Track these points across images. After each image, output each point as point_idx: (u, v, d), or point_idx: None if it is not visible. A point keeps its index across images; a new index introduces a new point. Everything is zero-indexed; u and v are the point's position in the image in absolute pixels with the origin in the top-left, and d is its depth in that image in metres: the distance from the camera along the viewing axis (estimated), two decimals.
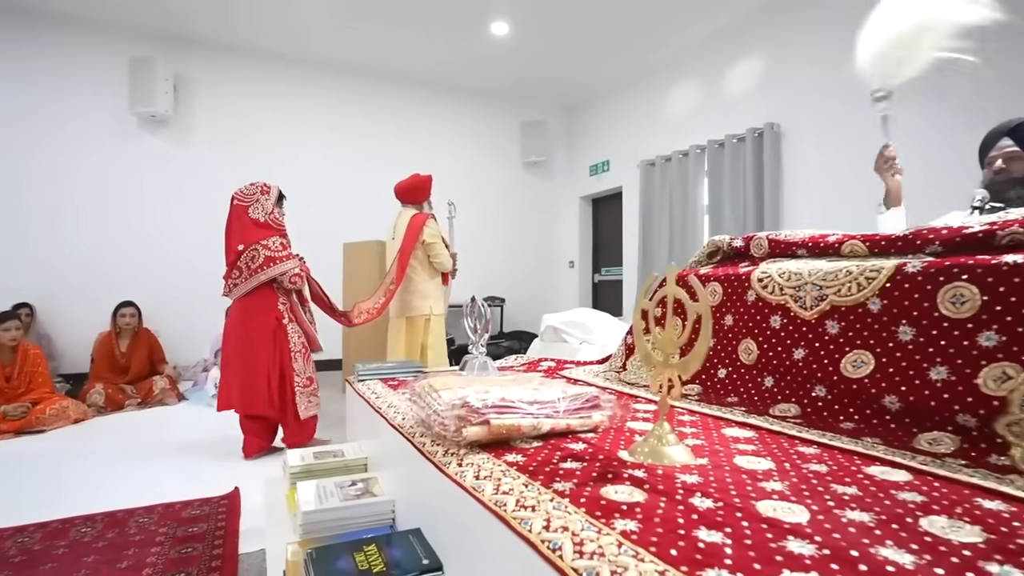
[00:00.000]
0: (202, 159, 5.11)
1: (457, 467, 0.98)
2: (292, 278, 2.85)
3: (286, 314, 2.88)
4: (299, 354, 2.90)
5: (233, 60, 5.21)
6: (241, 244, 2.82)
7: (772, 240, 1.60)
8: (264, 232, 2.84)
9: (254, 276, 2.79)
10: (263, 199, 2.92)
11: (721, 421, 1.26)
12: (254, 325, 2.82)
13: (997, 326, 1.00)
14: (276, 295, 2.86)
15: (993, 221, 1.16)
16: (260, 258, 2.79)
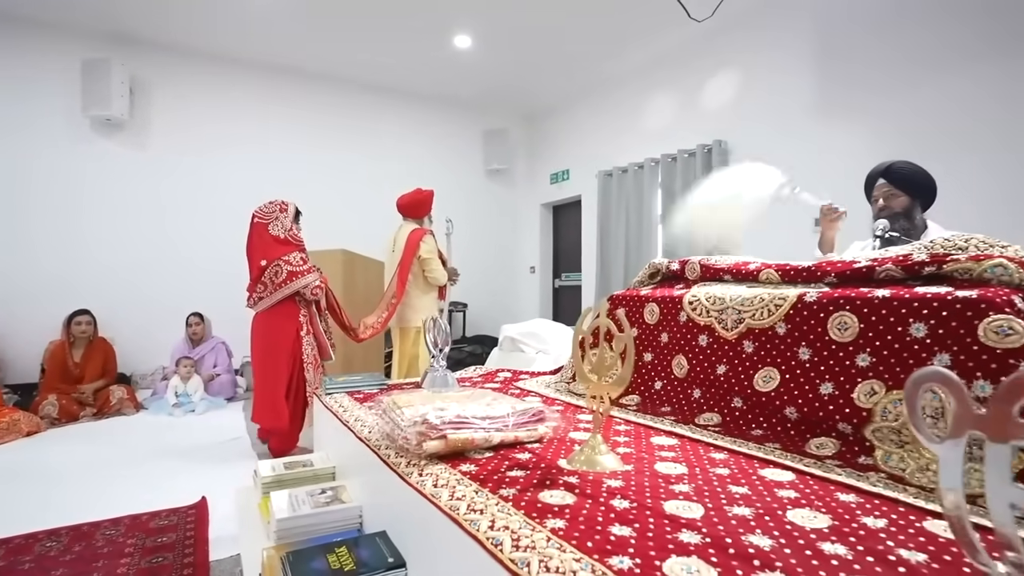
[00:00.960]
0: (159, 163, 5.06)
1: (418, 476, 1.12)
2: (313, 290, 3.03)
3: (305, 325, 3.06)
4: (310, 365, 3.06)
5: (192, 64, 5.18)
6: (264, 260, 2.99)
7: (703, 265, 1.80)
8: (285, 248, 3.02)
9: (279, 290, 2.96)
10: (282, 216, 3.09)
11: (652, 430, 1.44)
12: (276, 336, 2.99)
13: (870, 349, 1.20)
14: (298, 307, 3.04)
15: (874, 258, 1.37)
16: (283, 273, 2.96)
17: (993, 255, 1.19)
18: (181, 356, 4.23)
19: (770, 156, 4.21)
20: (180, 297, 4.99)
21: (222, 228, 5.34)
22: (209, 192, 5.27)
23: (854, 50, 3.71)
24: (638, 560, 0.73)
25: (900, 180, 2.03)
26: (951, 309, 1.09)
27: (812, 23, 3.95)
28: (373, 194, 6.06)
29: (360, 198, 5.96)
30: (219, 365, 4.52)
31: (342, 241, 4.73)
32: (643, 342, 1.81)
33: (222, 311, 5.14)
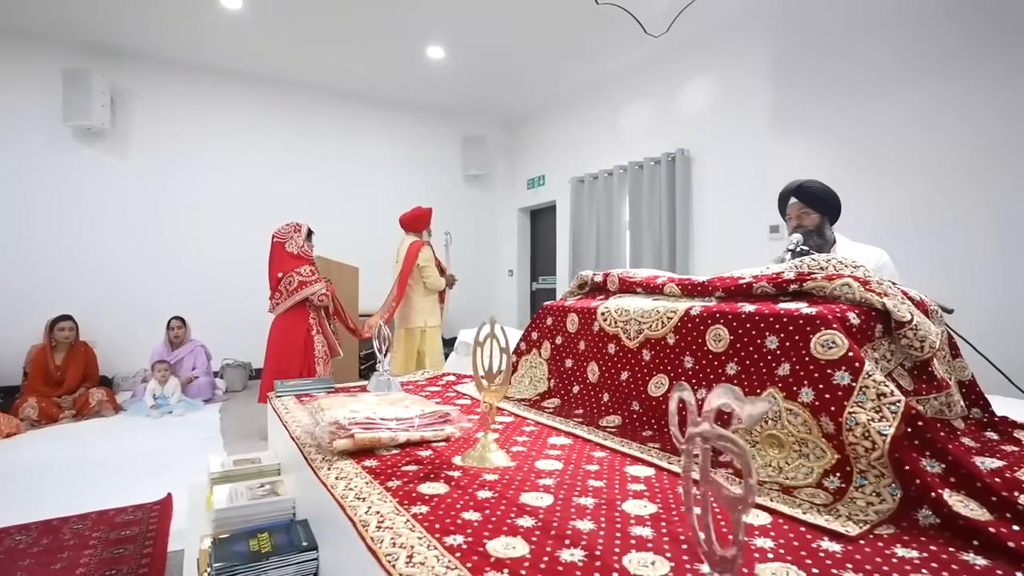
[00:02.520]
0: (140, 171, 5.19)
1: (327, 471, 1.26)
2: (320, 297, 3.55)
3: (315, 326, 3.57)
4: (321, 360, 3.56)
5: (172, 73, 5.30)
6: (280, 272, 3.53)
7: (621, 278, 1.94)
8: (297, 262, 3.56)
9: (291, 296, 3.49)
10: (295, 236, 3.63)
11: (555, 431, 1.57)
12: (290, 336, 3.50)
13: (737, 359, 1.35)
14: (308, 311, 3.56)
15: (756, 275, 1.52)
16: (295, 283, 3.50)
17: (843, 274, 1.33)
18: (156, 360, 4.35)
19: (729, 166, 4.39)
20: (162, 301, 5.12)
21: (203, 234, 5.48)
22: (190, 199, 5.41)
23: (808, 65, 3.87)
24: (470, 539, 0.87)
25: (811, 199, 2.17)
26: (796, 324, 1.23)
27: (768, 39, 4.11)
28: (352, 200, 6.21)
29: (339, 205, 6.10)
30: (197, 367, 4.65)
31: (322, 247, 4.87)
32: (566, 349, 1.95)
33: (202, 315, 5.28)
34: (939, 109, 3.22)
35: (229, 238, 5.57)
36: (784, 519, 0.95)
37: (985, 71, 3.03)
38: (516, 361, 2.21)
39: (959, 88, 3.13)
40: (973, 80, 3.08)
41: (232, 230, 5.59)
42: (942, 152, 3.19)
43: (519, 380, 2.15)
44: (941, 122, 3.20)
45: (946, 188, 3.19)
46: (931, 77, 3.25)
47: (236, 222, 5.62)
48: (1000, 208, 2.98)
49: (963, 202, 3.12)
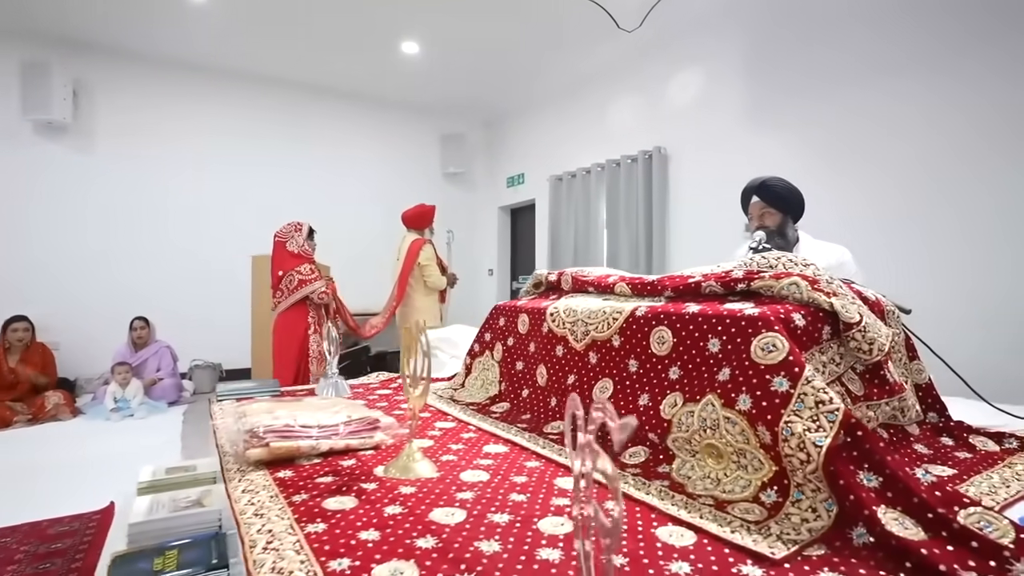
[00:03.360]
0: (105, 167, 5.02)
1: (237, 482, 1.17)
2: (320, 295, 3.56)
3: (312, 325, 3.58)
4: (315, 359, 3.56)
5: (139, 67, 5.15)
6: (281, 271, 3.56)
7: (574, 277, 1.86)
8: (297, 261, 3.58)
9: (292, 295, 3.53)
10: (296, 235, 3.66)
11: (495, 439, 1.49)
12: (289, 333, 3.55)
13: (680, 362, 1.27)
14: (307, 310, 3.58)
15: (706, 274, 1.44)
16: (295, 281, 3.53)
17: (792, 273, 1.26)
18: (117, 362, 4.21)
19: (706, 162, 4.34)
20: (129, 301, 4.97)
21: (170, 232, 5.34)
22: (156, 196, 5.26)
23: (784, 60, 3.82)
24: (357, 564, 0.78)
25: (773, 198, 2.10)
26: (738, 326, 1.16)
27: (742, 34, 4.06)
28: (327, 198, 6.09)
29: (314, 202, 5.97)
30: (162, 369, 4.51)
31: None
32: (517, 351, 1.87)
33: (171, 315, 5.14)
34: (917, 102, 3.16)
35: (199, 236, 5.43)
36: (710, 539, 0.87)
37: (962, 64, 2.98)
38: (470, 363, 2.13)
39: (937, 82, 3.09)
40: (951, 73, 3.03)
41: (203, 228, 5.46)
42: (921, 146, 3.13)
43: (472, 383, 2.06)
44: (919, 116, 3.15)
45: (924, 183, 3.13)
46: (907, 71, 3.20)
47: (207, 220, 5.48)
48: (979, 203, 2.93)
49: (940, 197, 3.06)
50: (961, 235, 2.99)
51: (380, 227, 6.03)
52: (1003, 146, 2.86)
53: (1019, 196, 2.79)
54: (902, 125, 3.21)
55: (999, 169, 2.86)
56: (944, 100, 3.05)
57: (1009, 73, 2.83)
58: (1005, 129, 2.85)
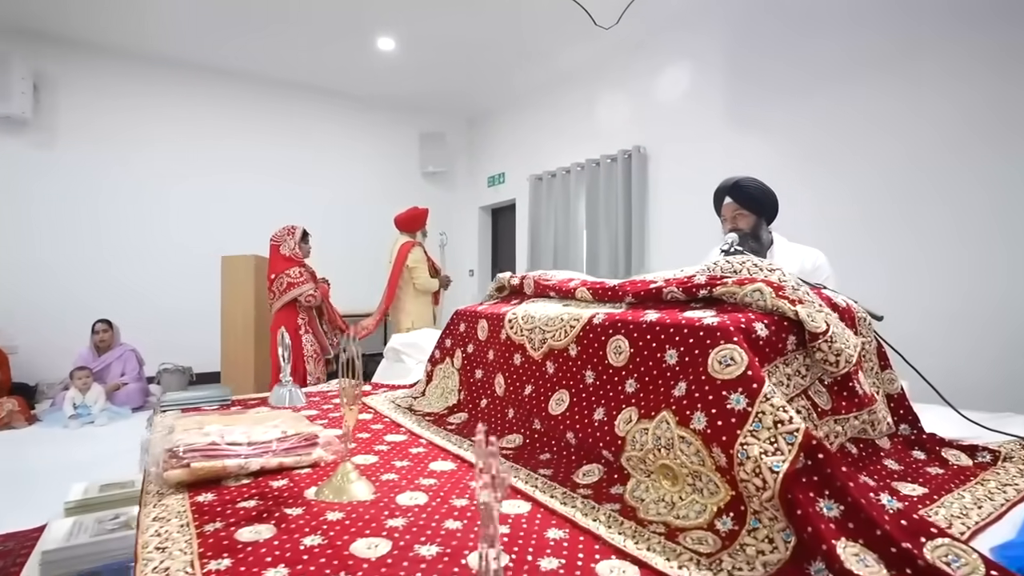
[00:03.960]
0: (67, 163, 4.85)
1: (151, 508, 1.07)
2: (307, 297, 3.68)
3: (303, 326, 3.70)
4: (311, 358, 3.69)
5: (105, 61, 4.98)
6: (273, 274, 3.70)
7: (536, 281, 1.78)
8: (288, 264, 3.71)
9: (281, 297, 3.65)
10: (289, 239, 3.76)
11: (444, 454, 1.39)
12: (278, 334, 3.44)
13: (636, 375, 1.19)
14: (297, 311, 3.70)
15: (668, 279, 1.36)
16: (284, 283, 3.66)
17: (756, 279, 1.18)
18: (76, 367, 4.06)
19: (686, 162, 4.28)
20: (94, 303, 4.81)
21: (138, 231, 5.18)
22: (123, 194, 5.10)
23: (763, 60, 3.77)
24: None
25: (747, 199, 2.03)
26: (696, 337, 1.08)
27: (721, 32, 4.00)
28: (304, 196, 5.96)
29: (291, 201, 5.84)
30: (127, 374, 4.36)
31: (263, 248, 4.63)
32: (476, 359, 1.78)
33: (139, 317, 4.99)
34: (900, 98, 3.12)
35: (169, 236, 5.28)
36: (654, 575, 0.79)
37: (945, 58, 2.93)
38: (431, 370, 2.04)
39: (920, 77, 3.04)
40: (933, 68, 2.98)
41: (172, 228, 5.30)
42: (905, 142, 3.07)
43: (432, 391, 1.97)
44: (903, 111, 3.10)
45: (910, 180, 3.08)
46: (890, 66, 3.15)
47: (177, 219, 5.33)
48: (959, 204, 2.88)
49: (926, 194, 3.01)
50: (948, 234, 2.92)
51: (356, 227, 5.92)
52: (992, 140, 2.79)
53: (1010, 191, 2.72)
54: (886, 121, 3.16)
55: (989, 164, 2.79)
56: (928, 95, 2.99)
57: (997, 65, 2.78)
58: (995, 123, 2.78)
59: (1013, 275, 2.69)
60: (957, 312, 2.84)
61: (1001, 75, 2.74)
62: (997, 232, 2.75)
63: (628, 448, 1.11)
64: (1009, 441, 1.35)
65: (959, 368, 2.83)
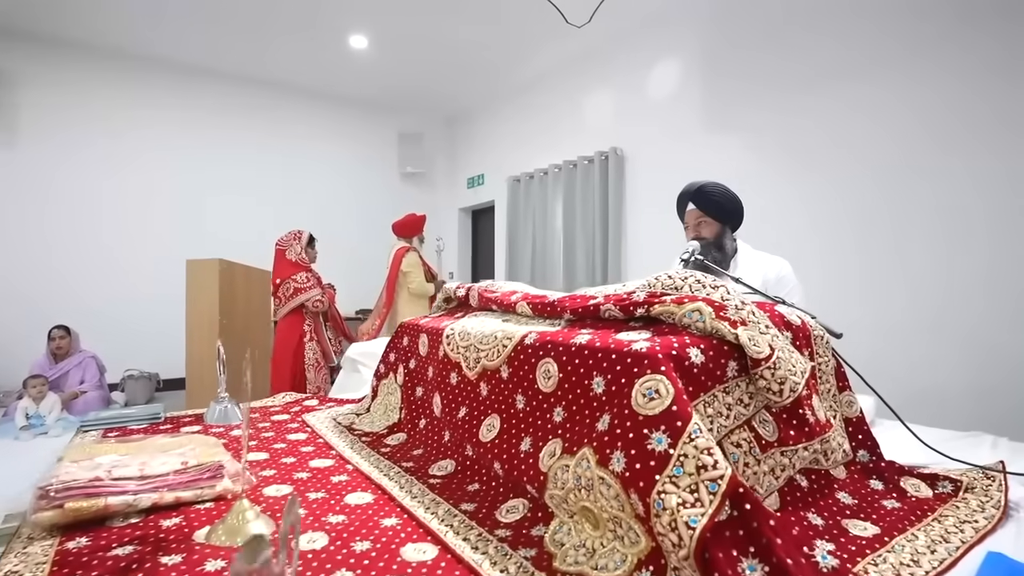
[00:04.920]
0: (27, 162, 4.68)
1: (13, 556, 0.95)
2: (314, 303, 3.64)
3: (308, 333, 3.66)
4: (312, 367, 3.64)
5: (66, 56, 4.81)
6: (279, 279, 3.66)
7: (480, 294, 1.67)
8: (294, 269, 3.66)
9: (288, 303, 3.62)
10: (295, 244, 3.73)
11: (366, 482, 1.28)
12: (284, 341, 3.65)
13: (565, 403, 1.08)
14: (303, 317, 3.67)
15: (608, 295, 1.26)
16: (291, 289, 3.62)
17: (697, 297, 1.08)
18: (31, 375, 3.90)
19: (663, 164, 4.19)
20: (54, 306, 4.65)
21: (96, 233, 5.01)
22: (85, 195, 4.94)
23: (739, 58, 3.69)
24: None
25: (711, 206, 1.93)
26: (623, 364, 0.97)
27: (697, 32, 3.92)
28: (275, 198, 5.82)
29: (263, 202, 5.71)
30: (86, 381, 4.21)
31: (230, 251, 4.49)
32: (417, 376, 1.67)
33: (102, 322, 4.84)
34: (877, 102, 3.03)
35: (133, 237, 5.13)
36: None
37: (927, 60, 2.84)
38: (376, 385, 1.93)
39: (900, 80, 2.95)
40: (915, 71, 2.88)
41: (136, 228, 5.15)
42: (895, 143, 2.95)
43: (376, 408, 1.86)
44: (880, 115, 3.01)
45: (897, 181, 2.98)
46: (874, 66, 3.06)
47: (141, 220, 5.18)
48: (950, 207, 2.78)
49: (903, 200, 2.92)
50: (937, 236, 2.81)
51: (332, 228, 5.78)
52: (986, 139, 2.68)
53: (1004, 194, 2.62)
54: (869, 121, 3.06)
55: (982, 165, 2.67)
56: (919, 94, 2.87)
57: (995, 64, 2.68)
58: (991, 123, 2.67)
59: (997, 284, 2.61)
60: (952, 317, 2.75)
61: (999, 74, 2.63)
62: (986, 236, 2.65)
63: (551, 485, 1.01)
64: (972, 469, 1.26)
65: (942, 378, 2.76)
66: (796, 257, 3.26)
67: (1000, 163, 2.61)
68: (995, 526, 1.03)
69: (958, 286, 2.72)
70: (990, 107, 2.65)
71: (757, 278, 1.91)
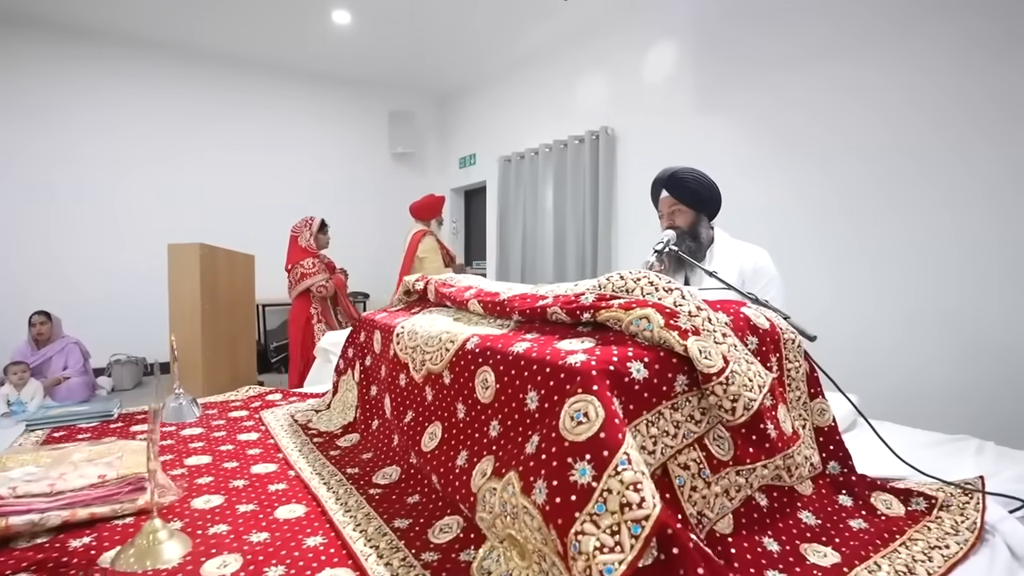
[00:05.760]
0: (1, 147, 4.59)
1: None
2: (319, 288, 3.76)
3: (316, 315, 3.79)
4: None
5: (32, 32, 4.64)
6: (289, 264, 3.81)
7: (436, 289, 1.58)
8: (303, 255, 3.78)
9: (295, 287, 3.77)
10: (305, 231, 3.84)
11: (303, 493, 1.20)
12: (293, 324, 3.82)
13: (501, 416, 1.00)
14: (310, 301, 3.79)
15: (558, 295, 1.16)
16: (298, 274, 3.76)
17: (647, 303, 0.99)
18: (11, 361, 3.86)
19: (654, 144, 4.04)
20: (38, 292, 4.58)
21: (75, 217, 4.91)
22: (66, 178, 4.82)
23: (729, 44, 3.53)
24: None
25: (685, 194, 1.81)
26: (557, 379, 0.89)
27: (693, 10, 3.74)
28: (262, 179, 5.70)
29: (247, 184, 5.59)
30: (70, 367, 4.16)
31: (215, 236, 4.40)
32: (372, 374, 1.59)
33: (87, 307, 4.78)
34: (874, 82, 2.87)
35: (119, 221, 5.03)
36: None
37: (933, 43, 2.67)
38: (336, 381, 1.85)
39: (895, 60, 2.79)
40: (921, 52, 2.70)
41: (122, 212, 5.04)
42: (895, 122, 2.79)
43: (336, 404, 1.79)
44: (877, 97, 2.86)
45: (899, 163, 2.83)
46: (877, 41, 2.89)
47: (126, 203, 5.07)
48: (948, 194, 2.63)
49: (907, 186, 2.76)
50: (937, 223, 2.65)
51: (321, 209, 5.66)
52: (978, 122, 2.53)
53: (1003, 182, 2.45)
54: (869, 99, 2.89)
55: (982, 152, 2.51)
56: (917, 77, 2.69)
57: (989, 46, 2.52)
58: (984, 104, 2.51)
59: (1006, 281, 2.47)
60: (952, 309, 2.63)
61: (998, 59, 2.47)
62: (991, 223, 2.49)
63: (479, 508, 0.93)
64: (950, 483, 1.18)
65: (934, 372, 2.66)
66: (786, 238, 3.18)
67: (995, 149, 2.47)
68: (967, 553, 0.94)
69: (955, 272, 2.59)
70: (982, 87, 2.50)
71: (733, 269, 1.81)
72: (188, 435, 1.61)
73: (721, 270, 1.82)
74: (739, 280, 1.80)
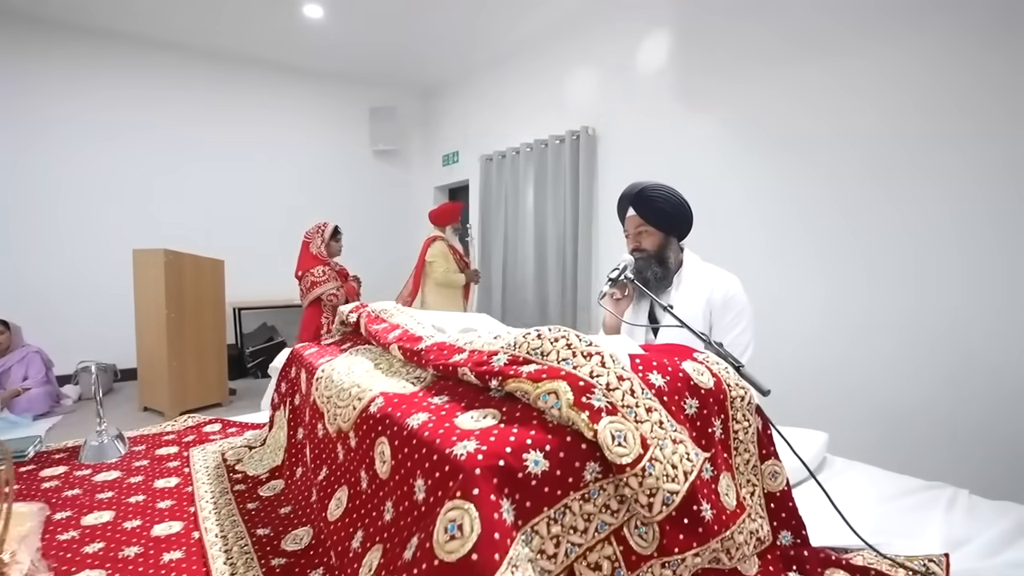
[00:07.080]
0: None
1: None
2: (329, 296, 3.72)
3: (326, 325, 3.71)
4: None
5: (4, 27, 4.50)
6: (300, 271, 3.76)
7: (366, 325, 1.45)
8: (314, 262, 3.75)
9: (307, 295, 3.74)
10: (317, 237, 3.80)
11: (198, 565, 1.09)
12: (305, 329, 3.76)
13: (394, 499, 0.88)
14: (321, 310, 3.75)
15: (475, 350, 1.04)
16: (308, 282, 3.72)
17: (559, 372, 0.86)
18: None
19: (636, 144, 3.90)
20: None
21: (43, 220, 4.75)
22: (27, 179, 4.65)
23: (714, 37, 3.36)
24: None
25: (653, 214, 1.67)
26: (442, 471, 0.76)
27: (672, 10, 3.58)
28: (235, 178, 5.52)
29: (219, 184, 5.42)
30: (31, 378, 4.01)
31: (182, 242, 4.27)
32: (299, 415, 1.47)
33: (51, 313, 4.65)
34: (863, 77, 2.71)
35: (82, 224, 4.83)
36: None
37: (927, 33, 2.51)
38: (272, 416, 1.73)
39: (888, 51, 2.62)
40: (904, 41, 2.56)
41: (86, 215, 4.85)
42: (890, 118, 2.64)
43: (271, 441, 1.66)
44: (868, 91, 2.70)
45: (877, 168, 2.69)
46: (856, 38, 2.74)
47: (89, 206, 4.86)
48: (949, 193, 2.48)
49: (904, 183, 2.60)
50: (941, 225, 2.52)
51: (299, 209, 5.53)
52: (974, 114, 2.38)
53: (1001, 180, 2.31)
54: (861, 94, 2.73)
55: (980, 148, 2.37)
56: (913, 68, 2.53)
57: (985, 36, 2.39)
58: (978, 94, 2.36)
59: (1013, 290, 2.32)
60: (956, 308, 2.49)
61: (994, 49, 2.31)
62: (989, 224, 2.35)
63: None
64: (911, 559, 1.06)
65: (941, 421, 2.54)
66: (775, 236, 3.04)
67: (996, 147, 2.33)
68: None
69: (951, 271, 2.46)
70: (976, 78, 2.36)
71: (701, 298, 1.68)
72: (101, 481, 1.49)
73: (688, 298, 1.69)
74: (706, 310, 1.68)
